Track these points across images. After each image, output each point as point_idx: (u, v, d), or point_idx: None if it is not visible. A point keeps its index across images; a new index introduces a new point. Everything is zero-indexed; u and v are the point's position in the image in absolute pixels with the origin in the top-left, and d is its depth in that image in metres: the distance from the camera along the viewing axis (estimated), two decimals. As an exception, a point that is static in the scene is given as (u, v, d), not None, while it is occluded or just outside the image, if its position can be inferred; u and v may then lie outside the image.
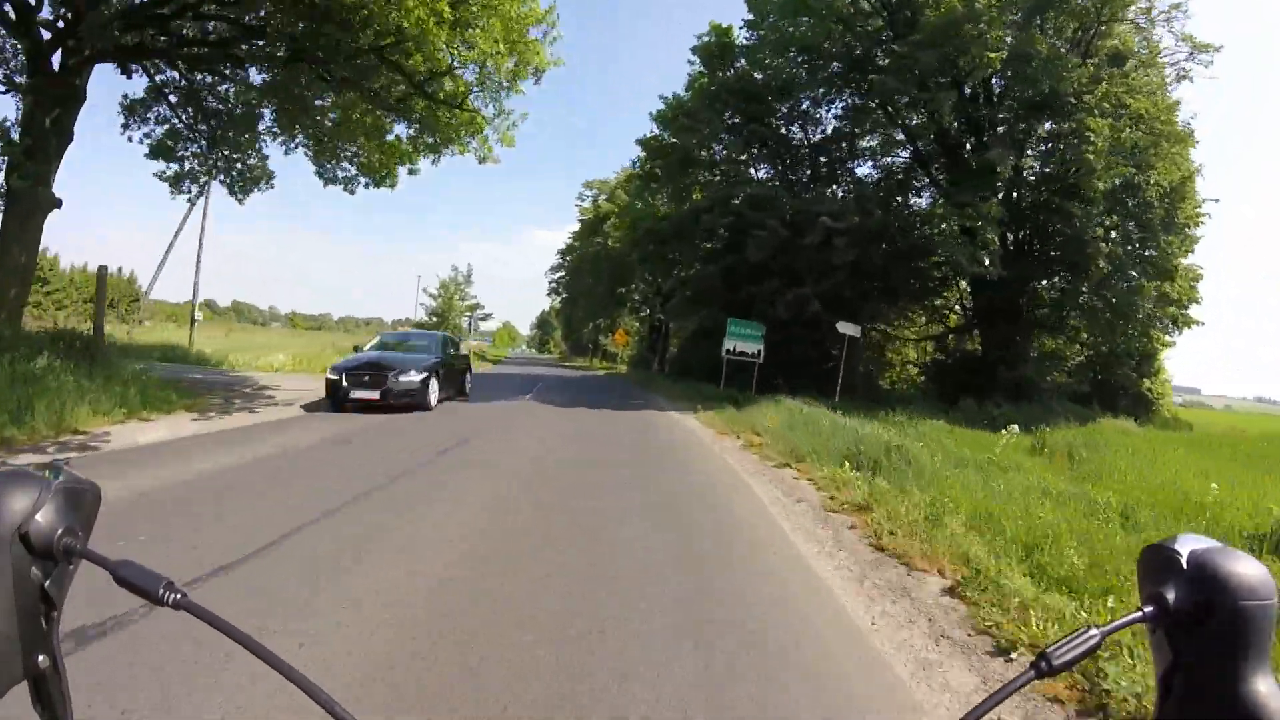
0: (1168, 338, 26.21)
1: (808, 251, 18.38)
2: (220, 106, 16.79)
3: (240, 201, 18.86)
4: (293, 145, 17.10)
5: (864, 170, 24.84)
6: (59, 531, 0.56)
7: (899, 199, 23.39)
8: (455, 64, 11.65)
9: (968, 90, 20.13)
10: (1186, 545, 0.56)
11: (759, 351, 19.43)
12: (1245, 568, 0.54)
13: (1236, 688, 0.52)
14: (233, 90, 15.99)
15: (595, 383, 28.97)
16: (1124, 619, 0.57)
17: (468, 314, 46.98)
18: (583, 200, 45.51)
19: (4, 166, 11.15)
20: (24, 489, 0.55)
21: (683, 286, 27.14)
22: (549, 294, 56.40)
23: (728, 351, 18.96)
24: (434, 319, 44.72)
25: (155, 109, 16.69)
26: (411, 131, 13.80)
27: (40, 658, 0.56)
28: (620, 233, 28.59)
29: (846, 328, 18.64)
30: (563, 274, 54.36)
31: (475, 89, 12.54)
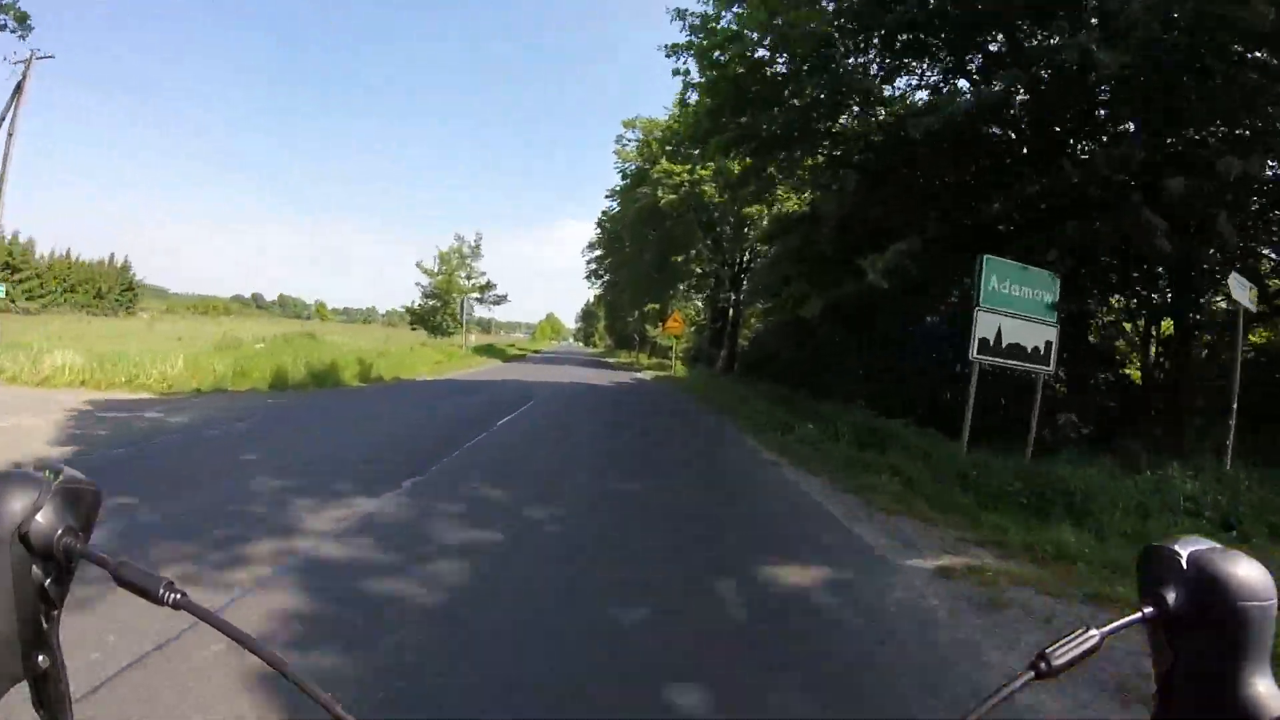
0: None
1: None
2: None
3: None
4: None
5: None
6: (59, 531, 0.54)
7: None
8: None
9: None
10: (1187, 546, 0.55)
11: (1046, 347, 7.48)
12: (1245, 569, 0.53)
13: (1236, 689, 0.51)
14: None
15: (635, 400, 17.25)
16: (1124, 620, 0.55)
17: (475, 295, 36.11)
18: (624, 144, 33.82)
19: None
20: (24, 489, 0.54)
21: (793, 230, 15.36)
22: (586, 277, 45.03)
23: (985, 347, 7.02)
24: (429, 303, 34.13)
25: None
26: None
27: (40, 658, 0.55)
28: (688, 121, 15.34)
29: (1239, 288, 6.76)
30: (600, 252, 42.80)
31: None
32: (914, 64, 10.20)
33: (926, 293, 12.76)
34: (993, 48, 9.31)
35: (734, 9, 10.43)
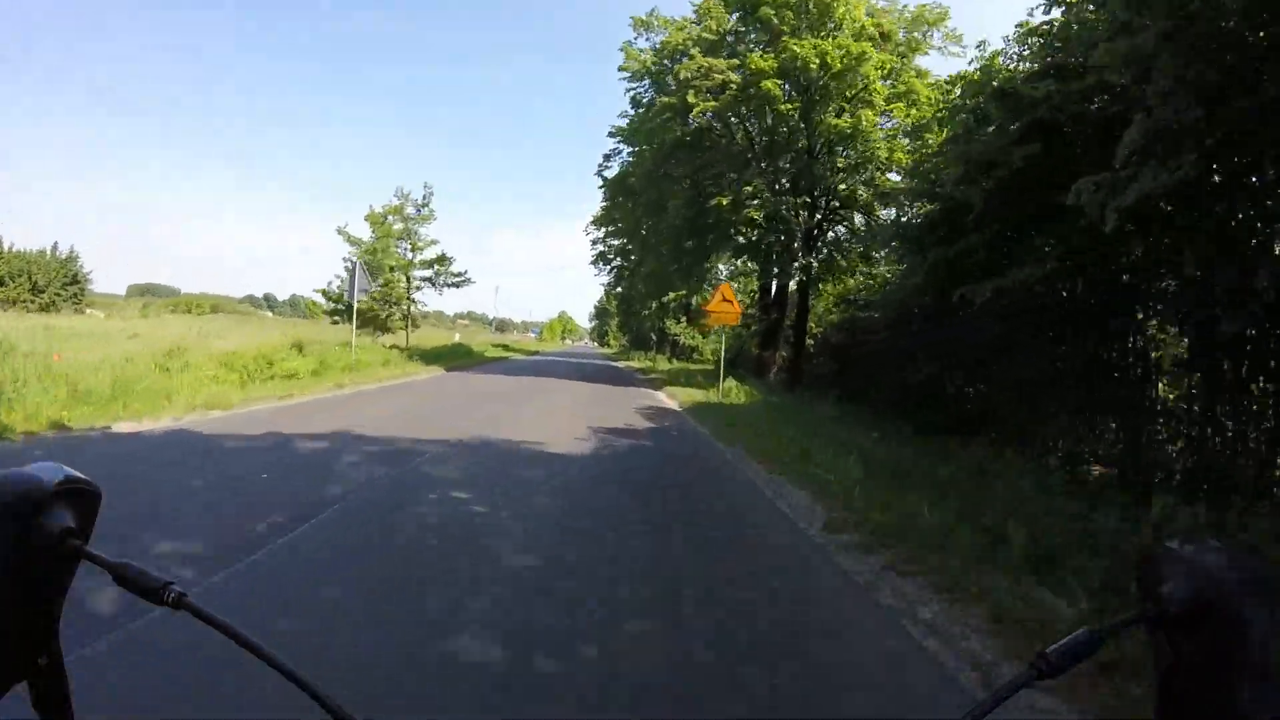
0: None
1: None
2: None
3: None
4: None
5: None
6: (59, 531, 0.54)
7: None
8: None
9: None
10: (1187, 546, 0.55)
11: None
12: (1245, 568, 0.53)
13: (1237, 688, 0.50)
14: None
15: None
16: (1125, 619, 0.56)
17: (424, 271, 25.25)
18: (639, 45, 22.51)
19: None
20: (24, 489, 0.53)
21: None
22: (593, 261, 33.97)
23: None
24: (345, 281, 23.39)
25: None
26: None
27: (40, 658, 0.55)
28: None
29: None
30: (605, 230, 31.69)
31: None
32: None
33: None
34: None
35: None
